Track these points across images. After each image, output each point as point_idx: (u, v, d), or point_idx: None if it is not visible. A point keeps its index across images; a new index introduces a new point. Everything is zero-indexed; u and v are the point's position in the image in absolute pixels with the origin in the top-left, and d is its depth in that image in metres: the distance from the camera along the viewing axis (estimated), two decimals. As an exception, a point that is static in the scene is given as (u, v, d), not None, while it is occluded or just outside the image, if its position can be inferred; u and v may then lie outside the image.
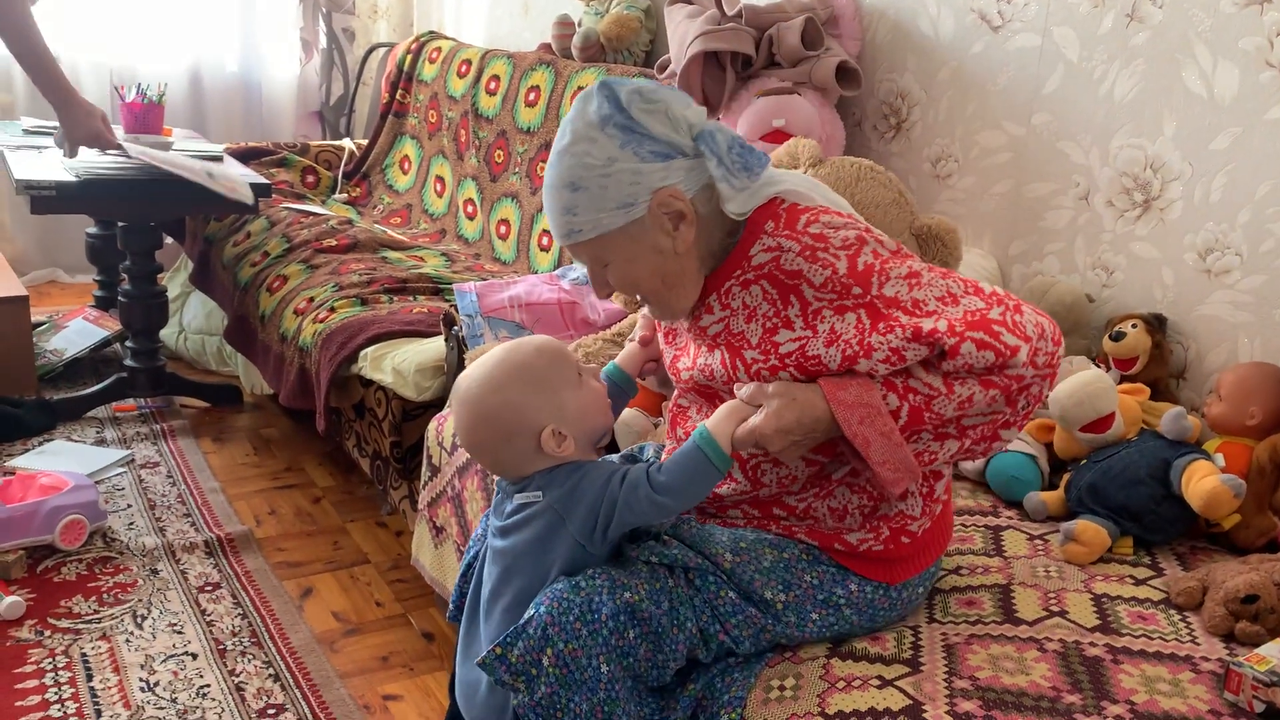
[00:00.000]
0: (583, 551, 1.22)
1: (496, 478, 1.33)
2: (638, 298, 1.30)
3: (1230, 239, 1.74)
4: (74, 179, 2.53)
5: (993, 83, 2.10)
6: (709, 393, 1.32)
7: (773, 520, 1.31)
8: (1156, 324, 1.80)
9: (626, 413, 1.72)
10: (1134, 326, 1.78)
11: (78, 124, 2.56)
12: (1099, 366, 1.78)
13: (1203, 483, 1.48)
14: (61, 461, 2.60)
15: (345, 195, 3.61)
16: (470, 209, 3.23)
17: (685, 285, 1.25)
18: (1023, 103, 2.04)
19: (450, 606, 1.43)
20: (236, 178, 2.71)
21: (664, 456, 1.41)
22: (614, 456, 1.53)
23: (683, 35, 2.36)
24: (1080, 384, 1.62)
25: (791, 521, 1.30)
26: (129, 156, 2.61)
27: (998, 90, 2.09)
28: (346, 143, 3.83)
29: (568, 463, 1.25)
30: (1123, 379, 1.77)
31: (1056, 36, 1.97)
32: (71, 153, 2.61)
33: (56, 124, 2.62)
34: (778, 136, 2.16)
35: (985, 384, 1.13)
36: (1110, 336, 1.79)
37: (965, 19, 2.14)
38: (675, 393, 1.43)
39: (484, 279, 2.63)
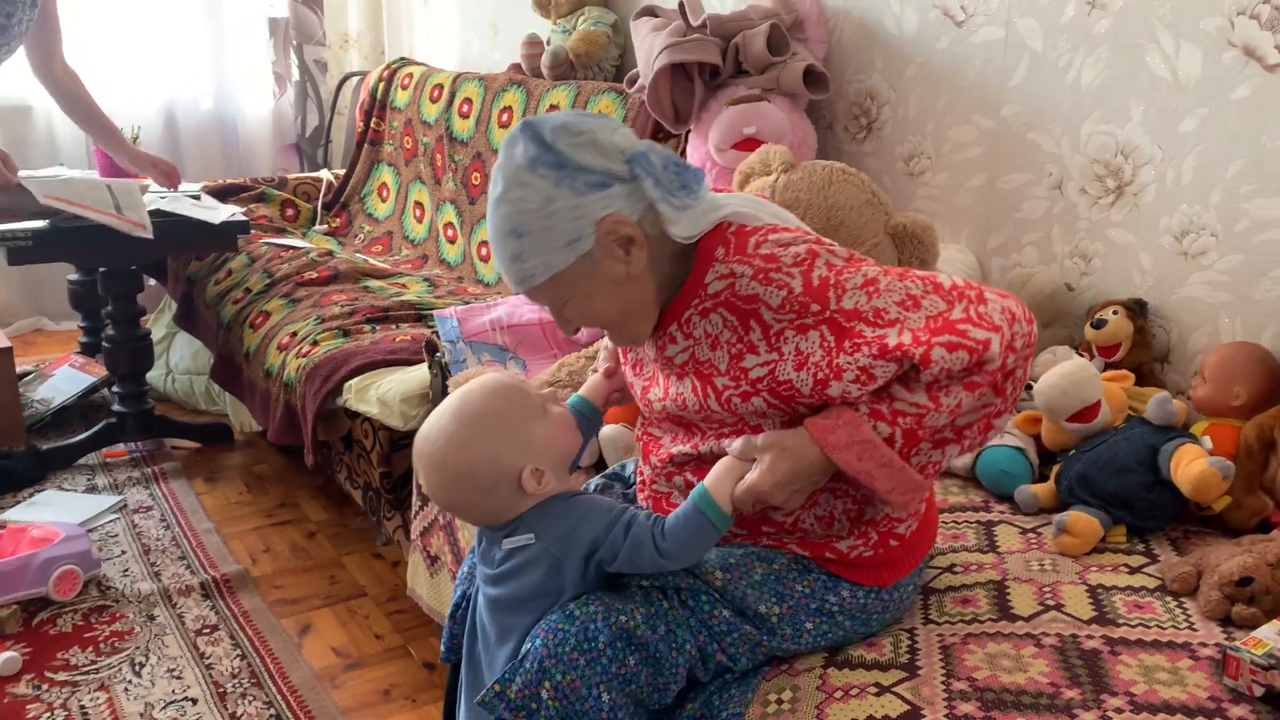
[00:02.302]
0: (579, 589, 1.20)
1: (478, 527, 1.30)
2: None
3: (1204, 220, 1.74)
4: (50, 228, 2.52)
5: (960, 78, 2.10)
6: (684, 422, 1.29)
7: (761, 535, 1.30)
8: (1137, 309, 1.80)
9: (610, 429, 1.71)
10: (1115, 313, 1.78)
11: None
12: (1082, 355, 1.78)
13: (1191, 466, 1.48)
14: (52, 512, 2.58)
15: (325, 226, 3.61)
16: (451, 233, 3.23)
17: (645, 311, 1.23)
18: (991, 96, 2.04)
19: (442, 648, 1.41)
20: (141, 213, 2.61)
21: (638, 486, 1.40)
22: (596, 480, 1.52)
23: (649, 48, 2.36)
24: (1064, 374, 1.61)
25: (781, 535, 1.29)
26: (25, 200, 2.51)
27: (966, 85, 2.09)
28: (324, 174, 3.83)
29: (555, 498, 1.23)
30: (1107, 366, 1.76)
31: (1020, 28, 1.97)
32: None
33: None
34: (749, 144, 2.16)
35: (969, 386, 1.12)
36: (1092, 324, 1.79)
37: (929, 15, 2.14)
38: (641, 421, 1.41)
39: (467, 303, 2.62)
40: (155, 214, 2.66)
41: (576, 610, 1.16)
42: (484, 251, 3.07)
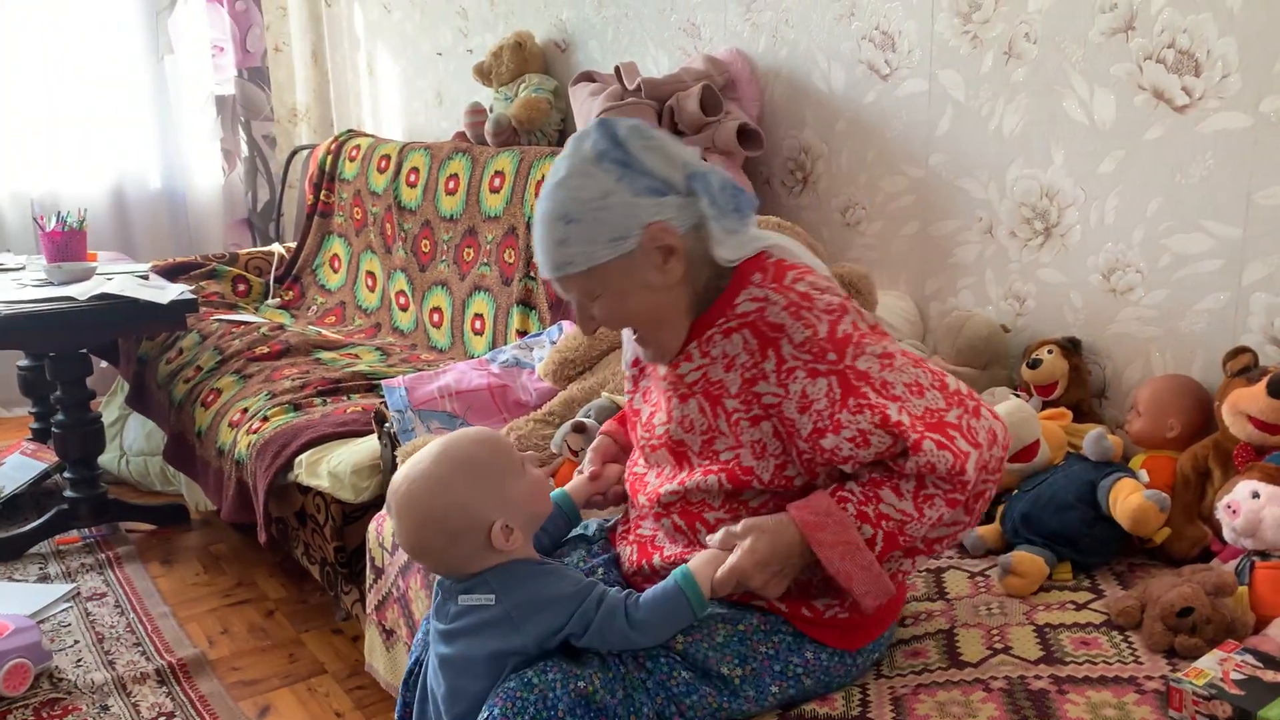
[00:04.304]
0: (533, 655, 1.20)
1: (437, 578, 1.29)
2: (631, 335, 1.32)
3: (1129, 257, 1.79)
4: (-4, 316, 2.51)
5: (889, 129, 2.15)
6: (681, 452, 1.30)
7: (740, 595, 1.30)
8: (1072, 347, 1.83)
9: None
10: (1050, 352, 1.81)
11: None
12: (1020, 395, 1.81)
13: (1128, 501, 1.50)
14: (2, 604, 2.53)
15: (278, 300, 3.61)
16: (402, 300, 3.24)
17: (674, 323, 1.27)
18: (919, 146, 2.10)
19: (396, 717, 1.39)
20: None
21: (623, 539, 1.40)
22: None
23: (588, 112, 2.41)
24: (1002, 415, 1.63)
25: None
26: None
27: (894, 136, 2.14)
28: (275, 247, 3.84)
29: (519, 562, 1.23)
30: (1045, 405, 1.79)
31: (943, 80, 2.03)
32: None
33: None
34: (688, 202, 2.19)
35: (950, 502, 1.17)
36: (1028, 364, 1.82)
37: (855, 71, 2.20)
38: (630, 457, 1.43)
39: (419, 369, 2.63)
40: (102, 297, 2.65)
41: (535, 678, 1.15)
42: (435, 318, 3.08)
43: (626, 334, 1.41)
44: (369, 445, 2.16)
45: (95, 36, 3.96)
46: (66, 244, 2.91)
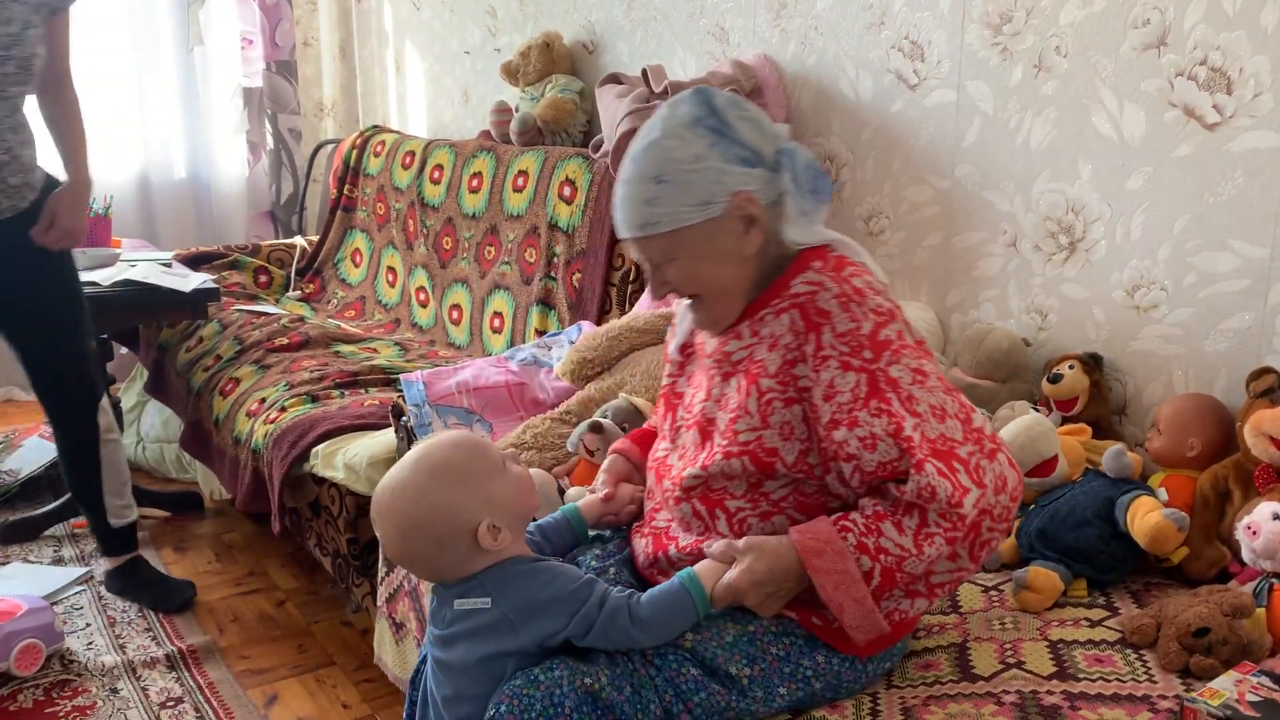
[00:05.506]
0: (533, 656, 1.19)
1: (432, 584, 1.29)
2: (686, 301, 1.35)
3: (1154, 274, 1.78)
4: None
5: (915, 139, 2.15)
6: (708, 431, 1.33)
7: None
8: (1093, 363, 1.82)
9: (536, 473, 1.68)
10: (1071, 367, 1.80)
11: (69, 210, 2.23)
12: (1040, 410, 1.80)
13: (1147, 519, 1.49)
14: (16, 585, 2.55)
15: (299, 292, 3.62)
16: (422, 296, 3.25)
17: (738, 294, 1.30)
18: (945, 156, 2.09)
19: (405, 716, 1.39)
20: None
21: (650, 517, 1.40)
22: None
23: (614, 114, 2.41)
24: (1021, 429, 1.63)
25: None
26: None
27: (920, 146, 2.14)
28: (298, 240, 3.86)
29: (512, 562, 1.23)
30: (1064, 420, 1.78)
31: (971, 91, 2.03)
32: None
33: None
34: (711, 206, 2.19)
35: (949, 539, 1.17)
36: (1048, 379, 1.81)
37: (883, 80, 2.19)
38: (655, 451, 1.45)
39: (437, 366, 2.63)
40: (125, 283, 2.67)
41: (541, 675, 1.15)
42: (455, 315, 3.09)
43: (681, 312, 1.43)
44: (385, 438, 2.17)
45: (127, 25, 3.99)
46: (91, 230, 2.94)
